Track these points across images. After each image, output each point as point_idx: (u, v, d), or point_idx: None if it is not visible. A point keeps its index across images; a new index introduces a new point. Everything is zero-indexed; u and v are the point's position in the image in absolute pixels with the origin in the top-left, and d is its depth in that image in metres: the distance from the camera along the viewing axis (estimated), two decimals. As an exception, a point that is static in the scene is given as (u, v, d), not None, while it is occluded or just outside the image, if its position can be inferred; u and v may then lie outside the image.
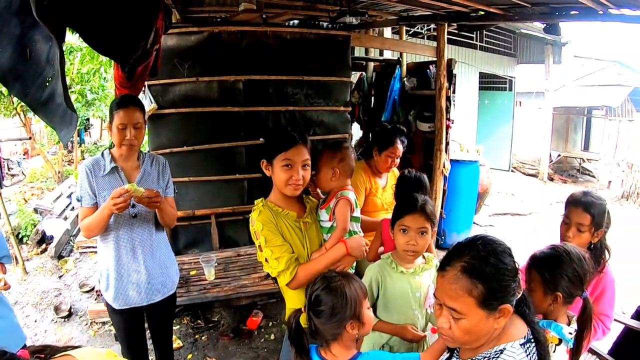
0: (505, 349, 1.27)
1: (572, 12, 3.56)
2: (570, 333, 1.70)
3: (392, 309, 2.06)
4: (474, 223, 6.87)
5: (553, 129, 12.76)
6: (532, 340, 1.30)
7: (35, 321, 4.53)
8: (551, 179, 12.28)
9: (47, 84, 1.80)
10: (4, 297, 2.26)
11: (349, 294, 1.59)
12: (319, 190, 2.33)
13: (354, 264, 2.20)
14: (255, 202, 2.12)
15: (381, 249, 2.83)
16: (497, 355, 1.27)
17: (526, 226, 7.74)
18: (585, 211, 2.19)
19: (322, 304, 1.59)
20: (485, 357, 1.29)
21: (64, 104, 1.82)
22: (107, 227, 2.40)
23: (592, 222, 2.17)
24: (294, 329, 1.64)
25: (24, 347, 2.26)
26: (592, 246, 2.23)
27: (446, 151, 5.13)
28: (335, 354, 1.62)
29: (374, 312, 2.07)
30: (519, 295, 1.30)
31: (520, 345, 1.27)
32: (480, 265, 1.25)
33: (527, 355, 1.26)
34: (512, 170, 12.90)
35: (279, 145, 2.00)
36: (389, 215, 2.29)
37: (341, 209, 2.14)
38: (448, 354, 1.49)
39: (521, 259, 1.82)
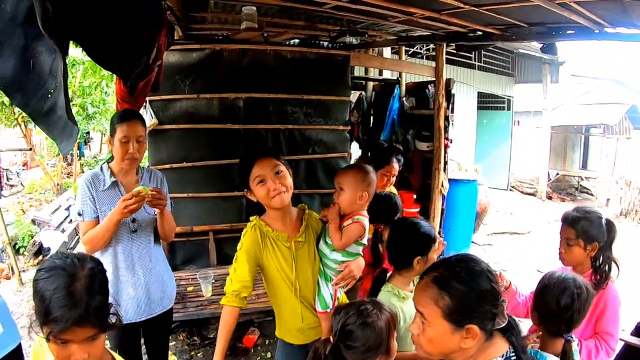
0: None
1: (568, 32, 3.60)
2: None
3: (407, 336, 2.05)
4: (473, 242, 6.89)
5: (551, 148, 12.83)
6: (514, 358, 1.29)
7: (29, 333, 4.50)
8: (549, 198, 12.31)
9: (49, 95, 1.81)
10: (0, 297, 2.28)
11: (383, 330, 1.59)
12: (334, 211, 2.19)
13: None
14: (251, 218, 2.15)
15: None
16: None
17: (524, 245, 7.74)
18: (570, 225, 2.22)
19: (356, 339, 1.57)
20: None
21: (65, 116, 1.83)
22: (106, 244, 2.40)
23: (577, 235, 2.19)
24: None
25: (19, 346, 2.28)
26: (595, 262, 2.22)
27: (444, 170, 5.14)
28: None
29: None
30: (502, 324, 1.29)
31: None
32: (451, 279, 1.29)
33: None
34: (510, 189, 12.93)
35: (245, 168, 2.05)
36: None
37: (353, 232, 2.11)
38: None
39: (519, 278, 1.85)
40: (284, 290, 2.17)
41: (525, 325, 2.01)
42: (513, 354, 1.29)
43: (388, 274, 2.28)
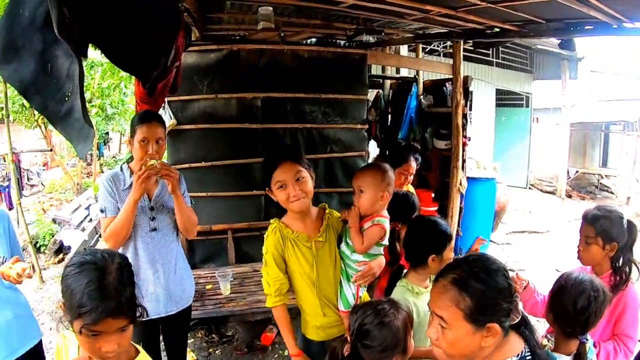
0: None
1: (586, 27, 3.55)
2: None
3: (420, 331, 2.06)
4: (491, 241, 6.82)
5: (570, 145, 12.61)
6: (529, 358, 1.28)
7: (50, 329, 4.59)
8: (569, 196, 12.12)
9: (67, 98, 1.84)
10: (21, 294, 2.32)
11: (400, 330, 1.59)
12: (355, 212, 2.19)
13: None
14: (271, 221, 2.18)
15: None
16: None
17: (544, 244, 7.64)
18: (589, 223, 2.20)
19: (373, 339, 1.57)
20: None
21: (82, 119, 1.86)
22: (128, 237, 2.43)
23: (596, 233, 2.16)
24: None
25: (40, 342, 2.33)
26: (614, 263, 2.19)
27: (463, 169, 5.10)
28: None
29: None
30: (517, 320, 1.30)
31: None
32: (470, 280, 1.28)
33: None
34: (529, 188, 12.76)
35: (268, 170, 2.08)
36: None
37: (374, 234, 2.12)
38: None
39: (538, 277, 1.84)
40: (306, 290, 2.19)
41: (544, 325, 2.00)
42: (529, 353, 1.29)
43: (404, 271, 2.31)
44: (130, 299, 1.34)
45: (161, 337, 2.73)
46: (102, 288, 1.27)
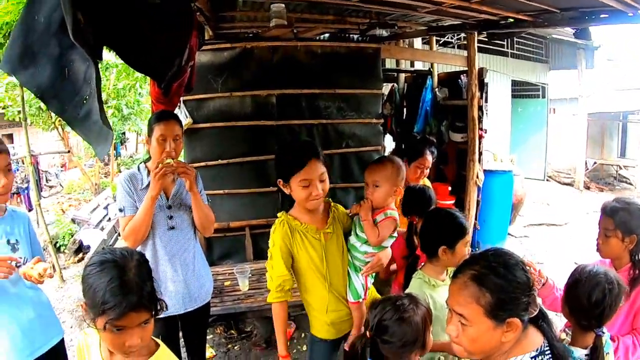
0: None
1: (601, 16, 3.48)
2: (586, 355, 1.66)
3: (436, 324, 2.06)
4: (509, 234, 6.76)
5: (588, 136, 12.40)
6: (548, 353, 1.28)
7: (71, 327, 4.67)
8: (587, 188, 11.93)
9: (84, 102, 1.87)
10: (43, 293, 2.36)
11: (420, 326, 1.59)
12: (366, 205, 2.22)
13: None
14: (278, 214, 2.18)
15: (393, 266, 2.86)
16: None
17: (562, 236, 7.55)
18: (608, 216, 2.16)
19: (392, 335, 1.58)
20: None
21: (100, 121, 1.88)
22: (146, 235, 2.46)
23: (615, 226, 2.12)
24: (359, 356, 1.64)
25: (62, 340, 2.36)
26: (634, 255, 2.15)
27: (479, 161, 5.07)
28: None
29: None
30: (535, 313, 1.30)
31: (531, 358, 1.26)
32: (489, 275, 1.28)
33: None
34: (547, 180, 12.60)
35: (293, 166, 2.03)
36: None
37: (388, 227, 2.15)
38: None
39: (556, 270, 1.82)
40: (316, 283, 2.20)
41: (562, 319, 1.97)
42: (547, 348, 1.28)
43: (422, 264, 2.32)
44: (150, 293, 1.40)
45: (180, 334, 2.76)
46: (123, 284, 1.32)
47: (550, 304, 2.20)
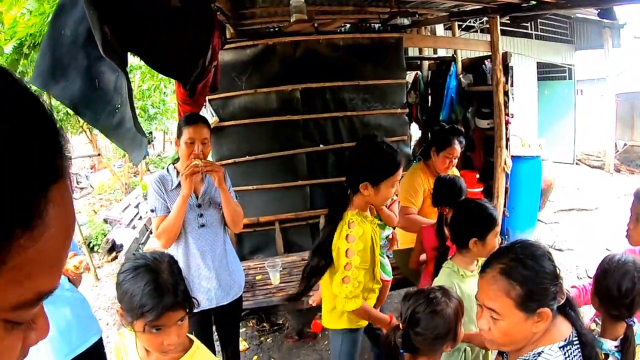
0: (542, 351, 1.28)
1: None
2: (616, 346, 1.64)
3: (466, 315, 2.07)
4: (539, 220, 6.63)
5: (617, 117, 12.00)
6: (577, 343, 1.28)
7: (107, 324, 4.81)
8: (618, 171, 11.60)
9: (117, 110, 1.92)
10: (80, 294, 2.43)
11: (451, 318, 1.61)
12: None
13: None
14: (349, 214, 2.13)
15: (423, 256, 2.87)
16: (534, 358, 1.28)
17: (593, 222, 7.38)
18: None
19: (425, 327, 1.59)
20: None
21: (134, 128, 1.93)
22: (178, 234, 2.53)
23: None
24: (393, 347, 1.65)
25: (100, 339, 2.42)
26: None
27: (507, 147, 5.00)
28: None
29: None
30: (562, 301, 1.31)
31: (560, 347, 1.27)
32: (518, 268, 1.29)
33: (566, 359, 1.25)
34: (576, 163, 12.28)
35: (389, 170, 2.07)
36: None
37: (396, 207, 2.56)
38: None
39: (588, 257, 1.80)
40: (369, 274, 2.23)
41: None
42: (576, 337, 1.28)
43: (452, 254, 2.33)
44: (184, 292, 1.45)
45: (214, 328, 2.84)
46: (159, 286, 1.38)
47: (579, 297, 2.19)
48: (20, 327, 0.43)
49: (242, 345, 3.94)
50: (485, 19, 7.68)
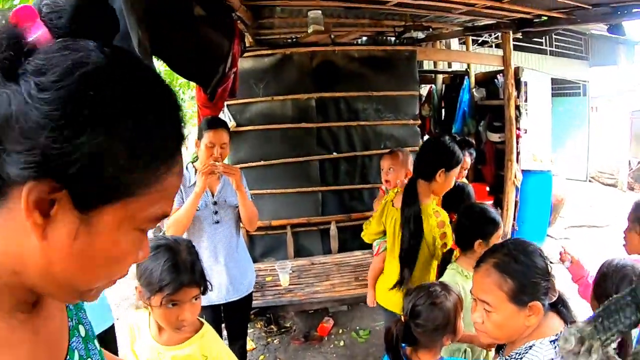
0: (534, 345, 1.33)
1: (634, 10, 3.47)
2: (615, 349, 1.68)
3: (467, 314, 2.14)
4: (548, 235, 6.63)
5: (632, 134, 11.97)
6: None
7: (117, 319, 4.89)
8: (631, 189, 11.47)
9: None
10: None
11: (451, 311, 1.68)
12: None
13: None
14: (431, 202, 2.49)
15: None
16: (526, 352, 1.33)
17: (603, 239, 7.34)
18: (632, 210, 2.19)
19: (425, 319, 1.66)
20: (517, 354, 1.36)
21: None
22: (187, 227, 2.60)
23: (634, 219, 2.13)
24: (395, 339, 1.71)
25: (112, 326, 2.50)
26: None
27: (517, 161, 5.06)
28: (421, 357, 1.71)
29: None
30: (554, 298, 1.37)
31: (550, 342, 1.31)
32: (511, 262, 1.37)
33: (557, 353, 1.28)
34: (589, 180, 12.19)
35: (458, 160, 2.43)
36: None
37: None
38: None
39: (595, 271, 1.86)
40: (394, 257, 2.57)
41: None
42: None
43: (457, 256, 2.39)
44: (201, 272, 1.58)
45: (223, 325, 2.92)
46: (177, 264, 1.49)
47: (583, 291, 2.23)
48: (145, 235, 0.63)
49: (249, 345, 3.99)
50: (499, 34, 7.78)
